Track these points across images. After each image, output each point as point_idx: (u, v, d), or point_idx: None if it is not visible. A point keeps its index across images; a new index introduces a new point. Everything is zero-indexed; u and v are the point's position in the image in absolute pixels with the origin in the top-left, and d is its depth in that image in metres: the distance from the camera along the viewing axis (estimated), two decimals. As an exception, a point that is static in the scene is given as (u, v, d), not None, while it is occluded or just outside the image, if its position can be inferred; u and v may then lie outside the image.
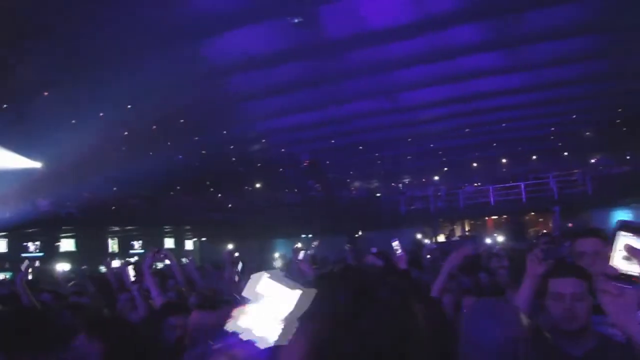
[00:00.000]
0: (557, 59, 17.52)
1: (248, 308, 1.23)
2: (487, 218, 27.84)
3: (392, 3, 13.85)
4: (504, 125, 26.70)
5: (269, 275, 1.24)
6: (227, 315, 1.26)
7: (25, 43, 12.98)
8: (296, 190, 30.57)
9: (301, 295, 1.20)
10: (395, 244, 4.65)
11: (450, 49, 16.32)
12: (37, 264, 17.17)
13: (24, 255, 20.04)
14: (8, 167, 17.79)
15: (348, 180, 35.65)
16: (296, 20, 13.91)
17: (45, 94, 17.10)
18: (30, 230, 20.67)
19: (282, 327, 1.18)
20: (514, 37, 15.72)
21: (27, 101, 16.66)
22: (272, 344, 1.17)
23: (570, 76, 19.29)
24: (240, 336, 1.20)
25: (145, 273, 4.92)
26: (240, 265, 6.15)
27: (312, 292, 1.19)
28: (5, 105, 16.74)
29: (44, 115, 17.06)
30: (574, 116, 25.98)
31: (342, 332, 1.14)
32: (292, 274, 1.43)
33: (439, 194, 26.25)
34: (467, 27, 15.24)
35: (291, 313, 1.18)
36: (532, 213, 26.56)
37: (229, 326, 1.21)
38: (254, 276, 1.25)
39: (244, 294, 1.24)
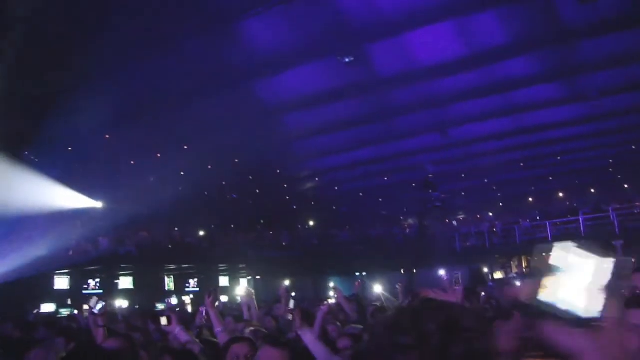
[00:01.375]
0: (614, 88, 17.12)
1: (554, 280, 1.25)
2: (544, 254, 27.02)
3: (442, 39, 13.92)
4: (559, 158, 26.15)
5: (575, 245, 1.27)
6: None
7: (88, 86, 13.53)
8: (348, 227, 30.48)
9: (599, 263, 1.22)
10: (450, 277, 4.65)
11: (503, 82, 16.26)
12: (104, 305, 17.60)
13: (85, 292, 20.52)
14: (70, 206, 18.39)
15: (401, 218, 35.37)
16: (347, 60, 14.11)
17: (107, 136, 17.74)
18: (91, 268, 21.20)
19: (591, 296, 1.20)
20: (569, 67, 15.54)
21: (89, 143, 17.27)
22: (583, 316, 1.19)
23: (627, 105, 18.80)
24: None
25: (209, 311, 5.13)
26: (292, 303, 6.17)
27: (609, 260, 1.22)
28: (70, 148, 17.39)
29: (104, 156, 17.68)
30: (633, 147, 25.20)
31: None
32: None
33: (495, 229, 25.75)
34: (519, 60, 15.17)
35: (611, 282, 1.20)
36: (593, 248, 25.68)
37: (543, 296, 1.23)
38: (558, 246, 1.28)
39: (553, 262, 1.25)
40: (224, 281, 27.32)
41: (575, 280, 1.22)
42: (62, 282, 21.07)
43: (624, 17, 13.02)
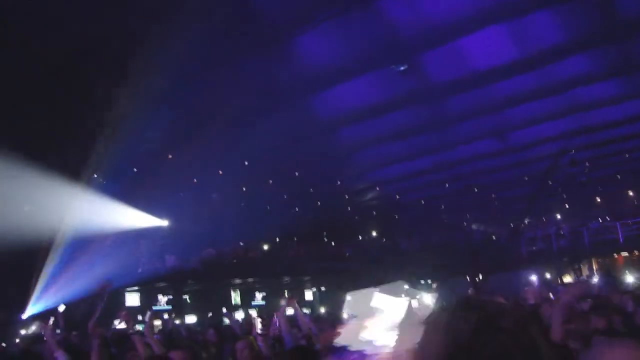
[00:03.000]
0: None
1: (367, 322, 1.32)
2: (616, 255, 26.06)
3: (495, 43, 13.73)
4: (627, 155, 25.21)
5: (378, 290, 1.33)
6: None
7: (151, 107, 13.98)
8: (410, 236, 30.21)
9: (409, 303, 1.28)
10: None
11: (560, 82, 15.87)
12: (166, 316, 18.05)
13: (155, 308, 21.09)
14: (138, 225, 18.96)
15: (465, 224, 34.82)
16: (402, 69, 14.10)
17: (170, 156, 18.24)
18: (160, 285, 21.76)
19: (398, 333, 1.26)
20: (628, 63, 15.04)
21: (154, 163, 17.79)
22: (392, 349, 1.25)
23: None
24: (364, 348, 1.29)
25: (280, 321, 5.32)
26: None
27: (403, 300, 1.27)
28: (135, 169, 17.97)
29: (168, 175, 18.18)
30: None
31: (463, 358, 1.20)
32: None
33: (562, 232, 25.01)
34: (576, 58, 14.79)
35: (403, 320, 1.25)
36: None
37: (352, 341, 1.29)
38: (363, 293, 1.34)
39: (355, 311, 1.32)
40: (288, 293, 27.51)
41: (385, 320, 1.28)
42: (133, 299, 21.71)
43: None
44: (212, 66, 13.31)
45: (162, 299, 22.88)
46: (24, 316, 16.44)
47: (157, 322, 16.37)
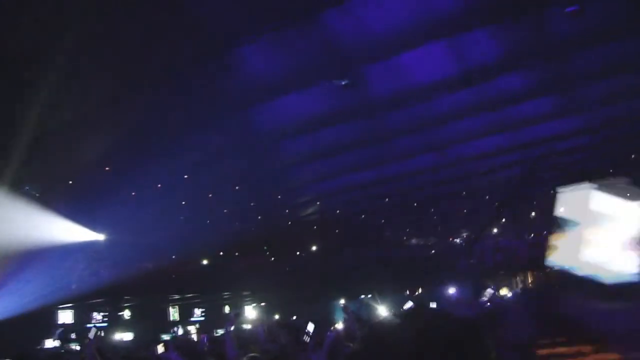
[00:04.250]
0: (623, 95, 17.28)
1: (589, 234, 1.14)
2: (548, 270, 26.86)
3: (435, 58, 14.03)
4: (559, 172, 26.11)
5: (598, 187, 1.17)
6: None
7: (87, 120, 13.65)
8: (352, 250, 30.40)
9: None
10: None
11: (497, 99, 16.35)
12: (101, 333, 17.56)
13: (89, 325, 20.48)
14: (72, 239, 18.43)
15: (404, 238, 35.29)
16: (343, 83, 14.22)
17: (107, 169, 17.83)
18: (95, 301, 21.18)
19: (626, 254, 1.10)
20: (560, 81, 15.68)
21: (90, 176, 17.35)
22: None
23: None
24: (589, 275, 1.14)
25: (226, 338, 5.26)
26: (311, 326, 6.12)
27: None
28: (70, 182, 17.48)
29: (105, 189, 17.75)
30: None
31: None
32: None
33: (498, 246, 25.71)
34: (511, 76, 15.28)
35: None
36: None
37: (570, 261, 1.14)
38: (576, 189, 1.17)
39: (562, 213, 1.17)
40: (228, 309, 27.26)
41: (606, 233, 1.10)
42: (65, 317, 21.04)
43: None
44: (149, 78, 13.11)
45: (97, 315, 22.27)
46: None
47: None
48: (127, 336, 21.31)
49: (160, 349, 5.19)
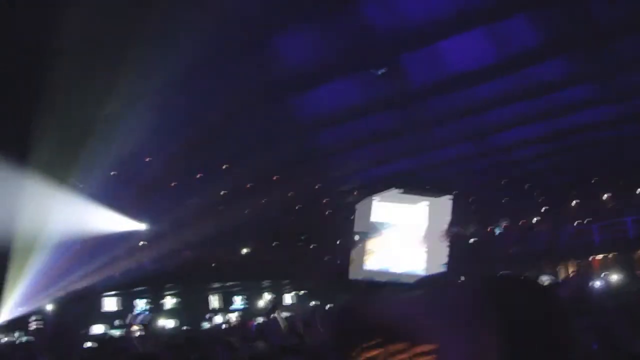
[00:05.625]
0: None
1: (370, 244, 1.19)
2: (591, 258, 26.36)
3: (473, 46, 13.84)
4: (601, 159, 25.48)
5: (378, 198, 1.21)
6: None
7: (129, 110, 13.88)
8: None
9: (430, 206, 1.11)
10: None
11: (537, 85, 16.02)
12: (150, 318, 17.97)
13: (133, 313, 20.96)
14: (116, 229, 18.82)
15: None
16: (380, 72, 14.16)
17: (147, 159, 18.12)
18: (138, 289, 21.63)
19: (427, 250, 1.12)
20: (603, 68, 15.29)
21: (132, 167, 17.65)
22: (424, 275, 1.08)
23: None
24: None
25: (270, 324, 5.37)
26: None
27: (445, 199, 1.13)
28: (113, 173, 17.81)
29: (147, 179, 18.06)
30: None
31: None
32: None
33: (538, 235, 25.30)
34: (553, 62, 14.96)
35: (429, 230, 1.11)
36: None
37: (355, 273, 1.16)
38: (359, 206, 1.24)
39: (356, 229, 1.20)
40: (268, 297, 27.50)
41: (407, 233, 1.13)
42: (110, 304, 21.54)
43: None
44: (194, 70, 13.24)
45: (140, 303, 22.73)
46: (-1, 321, 16.23)
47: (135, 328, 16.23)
48: (169, 323, 21.73)
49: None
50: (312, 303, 23.44)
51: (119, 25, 10.96)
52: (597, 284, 17.65)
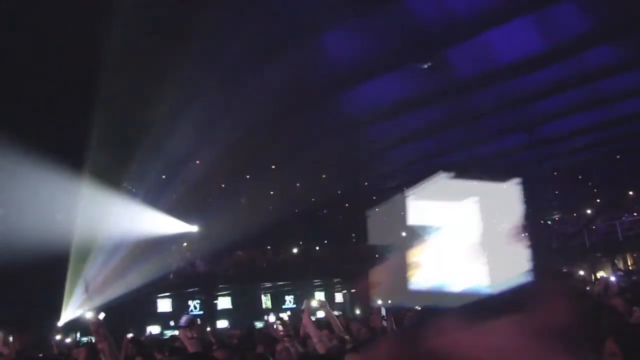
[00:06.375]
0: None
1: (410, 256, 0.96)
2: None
3: (520, 35, 13.52)
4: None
5: (414, 196, 1.00)
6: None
7: (174, 116, 14.07)
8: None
9: (481, 201, 0.91)
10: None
11: (587, 73, 15.56)
12: (198, 321, 18.15)
13: (187, 314, 21.27)
14: (168, 232, 19.12)
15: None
16: (426, 66, 13.98)
17: (197, 162, 18.36)
18: (191, 290, 21.92)
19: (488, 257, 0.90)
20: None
21: (182, 170, 17.91)
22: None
23: None
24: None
25: (307, 322, 5.30)
26: (383, 310, 6.16)
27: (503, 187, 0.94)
28: (163, 176, 18.11)
29: (197, 181, 18.30)
30: None
31: None
32: None
33: (594, 227, 24.59)
34: (602, 49, 14.49)
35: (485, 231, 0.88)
36: None
37: (395, 296, 0.99)
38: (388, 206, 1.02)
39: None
40: (319, 296, 27.49)
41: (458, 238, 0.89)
42: (164, 305, 21.90)
43: None
44: (241, 70, 13.33)
45: (193, 304, 23.03)
46: (60, 323, 16.68)
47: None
48: (222, 324, 21.95)
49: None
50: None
51: (166, 28, 11.11)
52: None
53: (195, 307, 22.54)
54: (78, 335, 16.88)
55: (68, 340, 15.53)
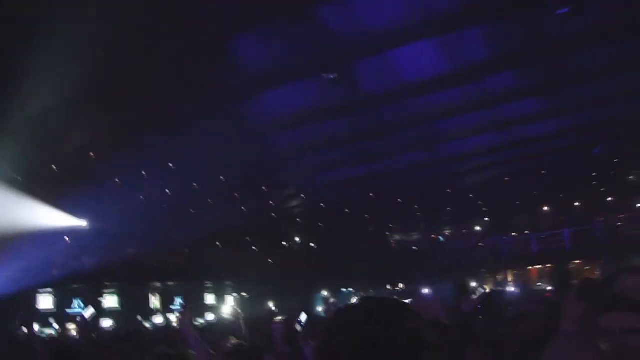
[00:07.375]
0: (602, 99, 17.36)
1: None
2: (530, 268, 27.20)
3: (426, 56, 14.03)
4: (543, 172, 26.25)
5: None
6: None
7: (77, 107, 13.50)
8: (336, 244, 30.43)
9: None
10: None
11: (490, 97, 16.38)
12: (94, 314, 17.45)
13: (68, 311, 20.38)
14: (55, 225, 18.24)
15: (387, 234, 35.38)
16: (331, 77, 14.18)
17: (91, 154, 17.67)
18: (75, 287, 21.03)
19: None
20: (553, 81, 15.74)
21: (73, 162, 17.17)
22: None
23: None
24: None
25: (186, 330, 5.03)
26: (304, 317, 6.11)
27: None
28: (53, 166, 17.30)
29: (89, 175, 17.59)
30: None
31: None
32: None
33: (480, 244, 25.91)
34: (505, 74, 15.32)
35: None
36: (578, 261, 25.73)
37: None
38: None
39: None
40: (210, 299, 27.18)
41: None
42: (46, 302, 20.84)
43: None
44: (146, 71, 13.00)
45: (77, 302, 22.08)
46: None
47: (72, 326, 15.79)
48: (107, 322, 21.17)
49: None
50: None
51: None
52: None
53: (79, 305, 21.58)
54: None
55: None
